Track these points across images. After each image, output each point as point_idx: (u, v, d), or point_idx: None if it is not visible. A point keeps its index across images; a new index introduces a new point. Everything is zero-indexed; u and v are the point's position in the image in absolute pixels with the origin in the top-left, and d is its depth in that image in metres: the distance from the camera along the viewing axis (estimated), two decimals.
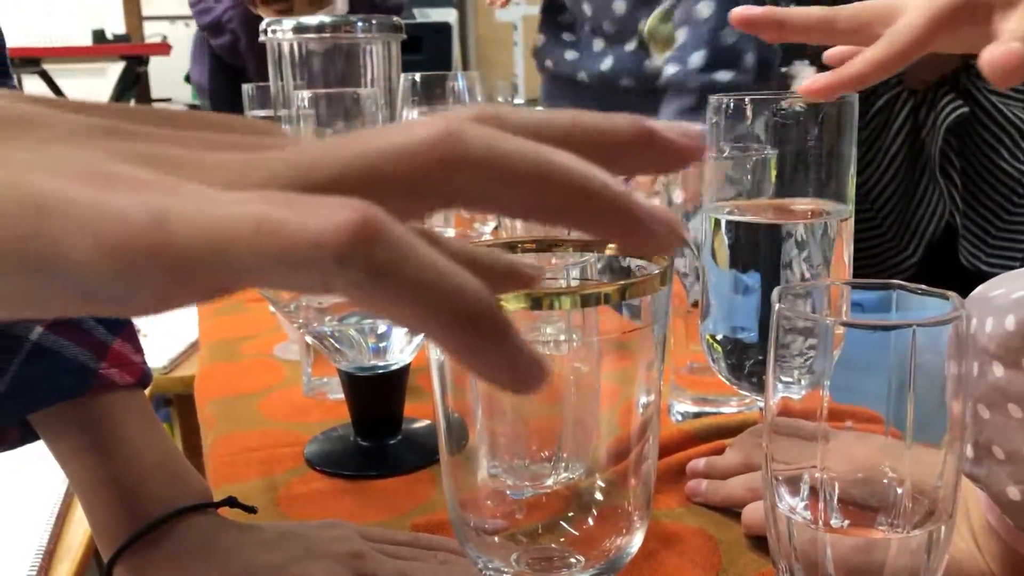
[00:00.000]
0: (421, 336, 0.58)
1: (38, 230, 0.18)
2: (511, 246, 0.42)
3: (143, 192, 0.19)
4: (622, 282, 0.33)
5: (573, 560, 0.37)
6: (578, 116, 0.23)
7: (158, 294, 0.19)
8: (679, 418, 0.70)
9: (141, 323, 0.57)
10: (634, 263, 0.39)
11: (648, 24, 0.92)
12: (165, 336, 1.32)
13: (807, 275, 0.50)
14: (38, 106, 0.21)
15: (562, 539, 0.37)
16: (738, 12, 0.51)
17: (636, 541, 0.37)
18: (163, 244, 0.18)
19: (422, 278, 0.19)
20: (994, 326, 0.40)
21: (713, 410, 0.68)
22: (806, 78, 0.48)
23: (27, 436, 0.53)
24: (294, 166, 0.20)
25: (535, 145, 0.21)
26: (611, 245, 0.40)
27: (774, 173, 0.51)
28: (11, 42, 0.57)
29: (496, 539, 0.37)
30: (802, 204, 0.51)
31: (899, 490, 0.38)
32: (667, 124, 0.23)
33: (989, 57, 0.43)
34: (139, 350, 0.55)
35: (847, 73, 0.47)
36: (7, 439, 0.53)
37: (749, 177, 0.51)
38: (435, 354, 0.36)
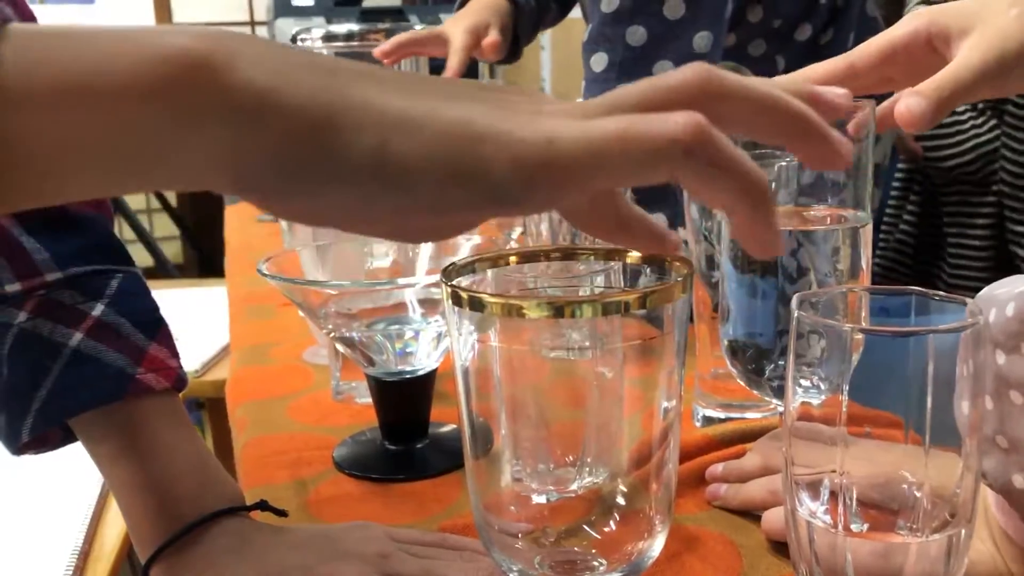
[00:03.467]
0: (446, 343, 0.59)
1: (470, 151, 0.26)
2: (535, 255, 0.42)
3: (534, 122, 0.26)
4: (643, 290, 0.34)
5: (596, 563, 0.38)
6: (772, 80, 0.33)
7: (549, 194, 0.26)
8: (703, 423, 0.70)
9: (174, 328, 0.58)
10: (655, 271, 0.40)
11: None
12: (198, 340, 1.34)
13: (827, 282, 0.50)
14: (401, 74, 0.29)
15: (584, 543, 0.38)
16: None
17: (658, 545, 0.38)
18: (555, 157, 0.26)
19: (741, 166, 0.27)
20: (996, 315, 0.40)
21: (737, 415, 0.69)
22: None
23: (67, 438, 0.55)
24: (604, 104, 0.28)
25: (770, 86, 0.30)
26: (633, 253, 0.41)
27: (795, 180, 0.51)
28: None
29: (519, 542, 0.38)
30: (822, 211, 0.51)
31: (919, 494, 0.38)
32: (825, 88, 0.33)
33: (897, 106, 0.47)
34: (175, 354, 0.56)
35: (798, 76, 0.52)
36: (48, 441, 0.55)
37: (770, 184, 0.52)
38: (460, 360, 0.37)
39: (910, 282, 1.05)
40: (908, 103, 0.46)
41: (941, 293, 0.39)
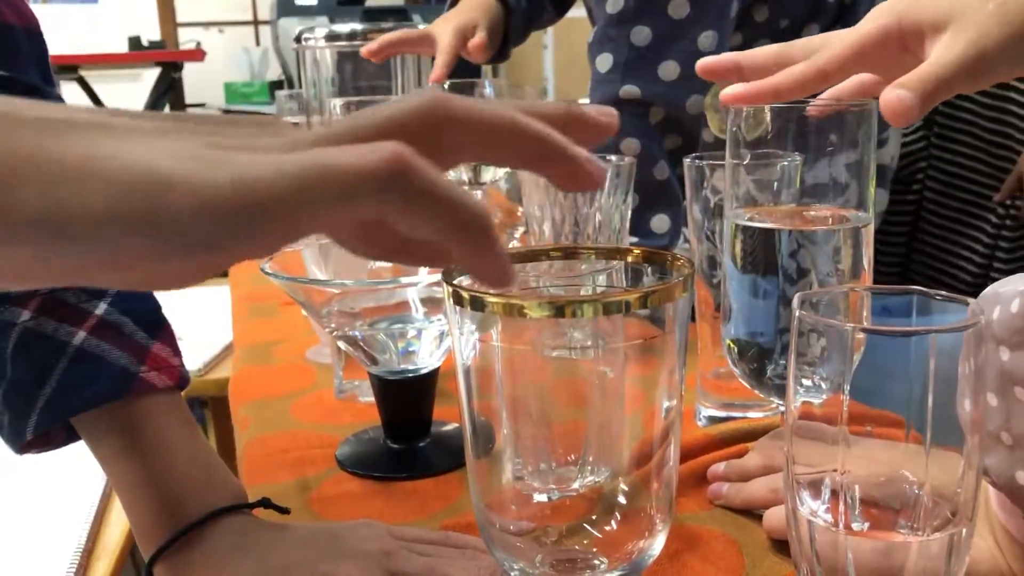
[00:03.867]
0: (449, 342, 0.59)
1: (161, 201, 0.23)
2: (536, 254, 0.42)
3: (230, 164, 0.24)
4: (644, 290, 0.34)
5: (596, 562, 0.38)
6: (525, 103, 0.30)
7: (251, 239, 0.24)
8: (705, 422, 0.70)
9: (177, 327, 0.58)
10: (656, 270, 0.40)
11: (709, 96, 0.94)
12: (201, 339, 1.34)
13: (829, 281, 0.50)
14: (122, 117, 0.26)
15: (585, 541, 0.38)
16: (700, 64, 0.55)
17: (658, 543, 0.38)
18: (246, 198, 0.24)
19: (446, 197, 0.25)
20: (1000, 313, 0.40)
21: (739, 415, 0.69)
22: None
23: (70, 437, 0.55)
24: (327, 136, 0.27)
25: (502, 107, 0.28)
26: (635, 252, 0.41)
27: (797, 180, 0.51)
28: (51, 50, 0.59)
29: (521, 541, 0.38)
30: (823, 211, 0.51)
31: (919, 493, 0.38)
32: (591, 107, 0.32)
33: (882, 100, 0.46)
34: (177, 353, 0.56)
35: (765, 85, 0.50)
36: (51, 440, 0.55)
37: (772, 184, 0.52)
38: (461, 359, 0.37)
39: None
40: (897, 95, 0.45)
41: (943, 293, 0.39)
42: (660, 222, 0.96)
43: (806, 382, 0.39)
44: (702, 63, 0.55)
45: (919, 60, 0.47)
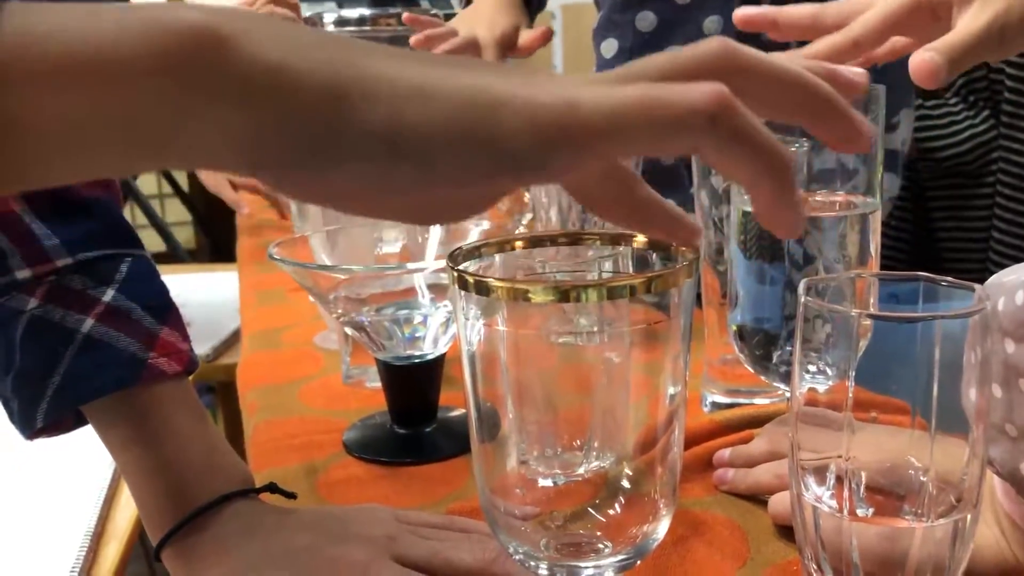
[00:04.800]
0: (455, 328, 0.59)
1: (487, 117, 0.25)
2: (542, 240, 0.42)
3: (556, 88, 0.26)
4: (648, 275, 0.34)
5: (601, 546, 0.38)
6: (790, 54, 0.31)
7: (569, 159, 0.26)
8: (711, 409, 0.70)
9: (185, 313, 0.59)
10: (662, 256, 0.40)
11: None
12: (209, 325, 1.35)
13: (835, 268, 0.50)
14: (422, 54, 0.28)
15: (590, 525, 0.38)
16: (739, 14, 0.56)
17: (662, 528, 0.38)
18: (575, 120, 0.25)
19: (764, 140, 0.26)
20: (1005, 304, 0.40)
21: (745, 401, 0.69)
22: None
23: (80, 422, 0.55)
24: (628, 73, 0.28)
25: (786, 61, 0.29)
26: (640, 238, 0.41)
27: (805, 166, 0.51)
28: None
29: (525, 525, 0.38)
30: (831, 197, 0.51)
31: (924, 480, 0.38)
32: (843, 67, 0.33)
33: (913, 60, 0.47)
34: (186, 338, 0.56)
35: (803, 53, 0.52)
36: (61, 426, 0.55)
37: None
38: (466, 344, 0.37)
39: None
40: (928, 56, 0.46)
41: (949, 279, 0.39)
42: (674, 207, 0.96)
43: (812, 368, 0.39)
44: (740, 13, 0.56)
45: (948, 29, 0.48)
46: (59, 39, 0.23)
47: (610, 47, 0.93)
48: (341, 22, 1.24)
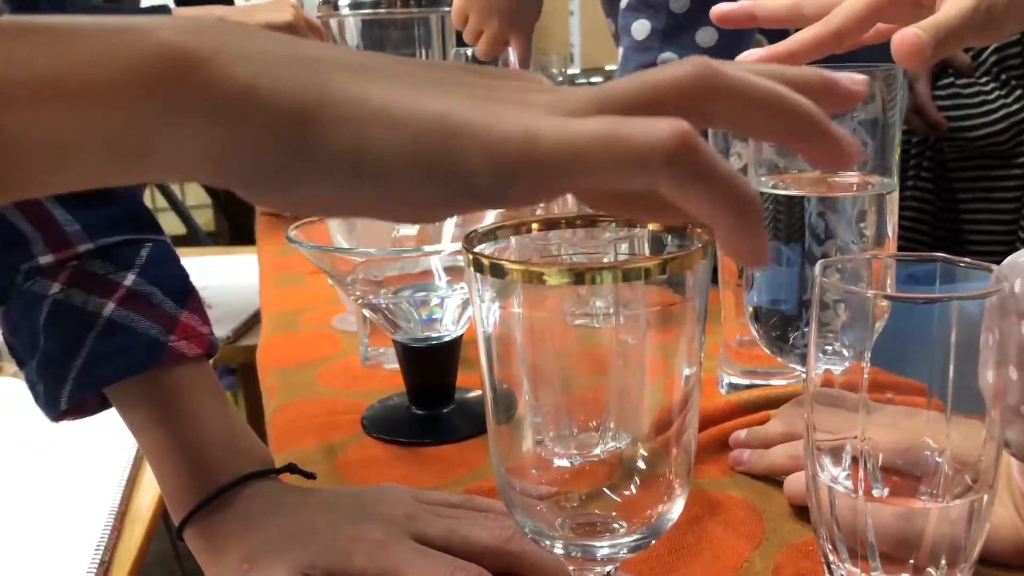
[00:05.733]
0: (470, 310, 0.60)
1: (447, 146, 0.25)
2: (558, 222, 0.43)
3: (516, 116, 0.25)
4: (663, 257, 0.34)
5: (616, 526, 0.38)
6: (783, 68, 0.30)
7: (527, 191, 0.26)
8: (727, 390, 0.70)
9: (206, 295, 0.59)
10: (677, 238, 0.40)
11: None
12: (229, 307, 1.36)
13: (852, 249, 0.50)
14: (401, 65, 0.28)
15: (605, 506, 0.39)
16: (716, 11, 0.55)
17: (677, 508, 0.38)
18: (534, 154, 0.25)
19: (724, 178, 0.26)
20: (1022, 286, 0.40)
21: (762, 382, 0.69)
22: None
23: (104, 404, 0.56)
24: (593, 99, 0.27)
25: (769, 81, 0.28)
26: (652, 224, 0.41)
27: None
28: None
29: (541, 505, 0.38)
30: (848, 177, 0.51)
31: (940, 460, 0.38)
32: (841, 74, 0.31)
33: (896, 37, 0.46)
34: (206, 321, 0.57)
35: (780, 49, 0.50)
36: (85, 408, 0.56)
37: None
38: (482, 327, 0.37)
39: None
40: (913, 32, 0.45)
41: (967, 260, 0.39)
42: None
43: (828, 349, 0.39)
44: (716, 10, 0.55)
45: (931, 14, 0.48)
46: (39, 59, 0.24)
47: (642, 28, 0.93)
48: (357, 5, 1.24)
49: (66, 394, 0.53)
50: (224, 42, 0.26)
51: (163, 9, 1.44)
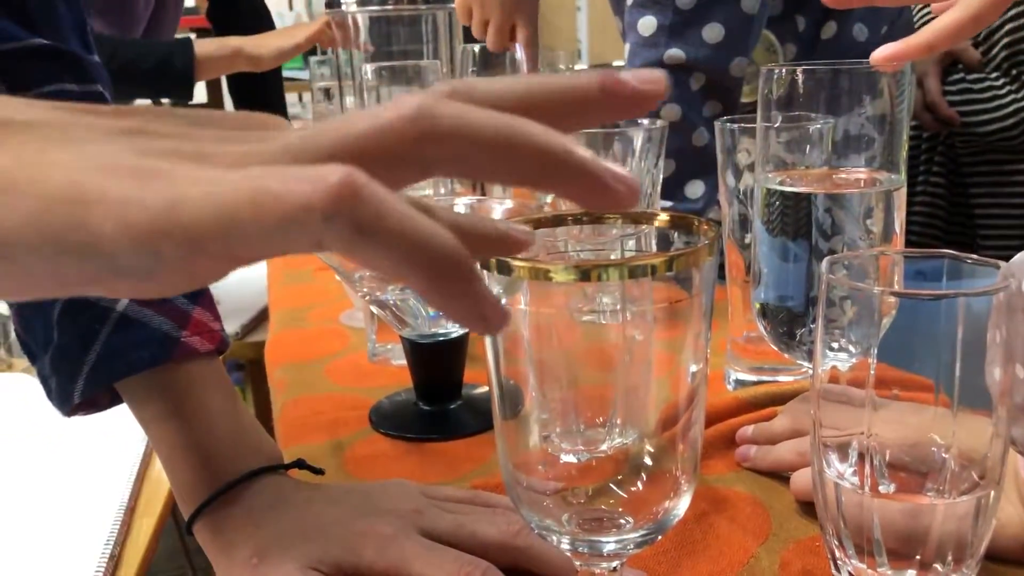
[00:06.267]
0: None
1: (81, 220, 0.21)
2: (564, 219, 0.43)
3: (160, 182, 0.21)
4: (670, 253, 0.34)
5: (623, 521, 0.38)
6: (544, 78, 0.25)
7: (179, 267, 0.22)
8: (734, 386, 0.71)
9: (215, 291, 0.60)
10: (683, 234, 0.40)
11: (754, 55, 0.93)
12: (238, 304, 1.36)
13: (859, 245, 0.50)
14: (75, 113, 0.24)
15: (612, 501, 0.39)
16: (879, 56, 0.51)
17: (683, 504, 0.38)
18: (175, 224, 0.21)
19: (399, 231, 0.21)
20: None
21: (769, 378, 0.69)
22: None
23: (116, 399, 0.56)
24: (287, 149, 0.23)
25: (501, 115, 0.24)
26: (662, 216, 0.41)
27: (829, 143, 0.51)
28: None
29: (548, 501, 0.39)
30: (855, 173, 0.51)
31: (946, 457, 0.38)
32: (630, 73, 0.25)
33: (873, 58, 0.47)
34: (217, 318, 0.57)
35: (915, 42, 0.49)
36: (98, 403, 0.56)
37: (803, 147, 0.51)
38: None
39: None
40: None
41: (974, 256, 0.39)
42: (695, 188, 0.96)
43: (835, 346, 0.39)
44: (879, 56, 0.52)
45: None
46: None
47: (648, 24, 0.92)
48: (364, 1, 1.24)
49: (79, 388, 0.53)
50: None
51: (185, 42, 1.46)
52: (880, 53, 0.49)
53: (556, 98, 0.25)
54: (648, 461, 0.39)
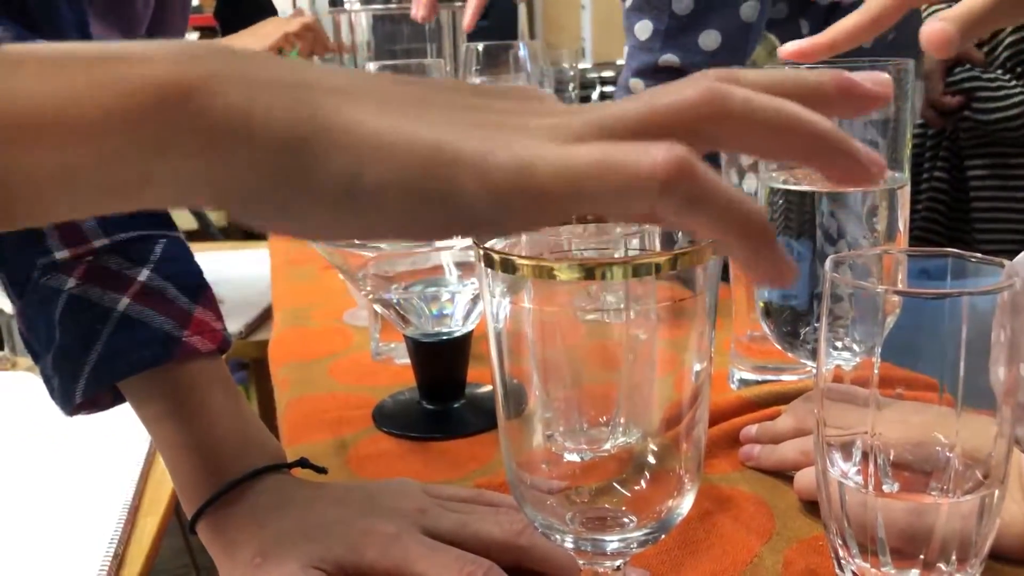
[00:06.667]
0: (481, 306, 0.60)
1: (442, 176, 0.25)
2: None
3: (511, 144, 0.26)
4: (674, 252, 0.34)
5: (626, 520, 0.38)
6: (787, 74, 0.29)
7: (525, 220, 0.26)
8: (738, 385, 0.70)
9: (218, 290, 0.60)
10: (686, 234, 0.40)
11: (755, 55, 0.92)
12: (242, 302, 1.36)
13: (862, 244, 0.50)
14: (384, 82, 0.28)
15: (615, 500, 0.39)
16: (786, 50, 0.54)
17: (687, 503, 0.38)
18: (529, 184, 0.25)
19: (725, 204, 0.25)
20: None
21: (773, 378, 0.69)
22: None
23: (118, 399, 0.56)
24: (599, 124, 0.27)
25: (780, 100, 0.27)
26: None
27: None
28: None
29: (551, 499, 0.39)
30: None
31: (950, 456, 0.38)
32: (862, 75, 0.29)
33: (923, 31, 0.47)
34: (219, 317, 0.57)
35: (820, 40, 0.51)
36: (100, 402, 0.56)
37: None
38: (493, 322, 0.37)
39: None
40: (940, 27, 0.46)
41: (978, 255, 0.39)
42: None
43: (839, 345, 0.39)
44: (789, 51, 0.54)
45: None
46: (33, 95, 0.24)
47: (644, 29, 0.92)
48: (367, 0, 1.24)
49: (81, 388, 0.53)
50: (215, 70, 0.26)
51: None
52: (787, 48, 0.51)
53: (800, 92, 0.28)
54: (652, 460, 0.39)
